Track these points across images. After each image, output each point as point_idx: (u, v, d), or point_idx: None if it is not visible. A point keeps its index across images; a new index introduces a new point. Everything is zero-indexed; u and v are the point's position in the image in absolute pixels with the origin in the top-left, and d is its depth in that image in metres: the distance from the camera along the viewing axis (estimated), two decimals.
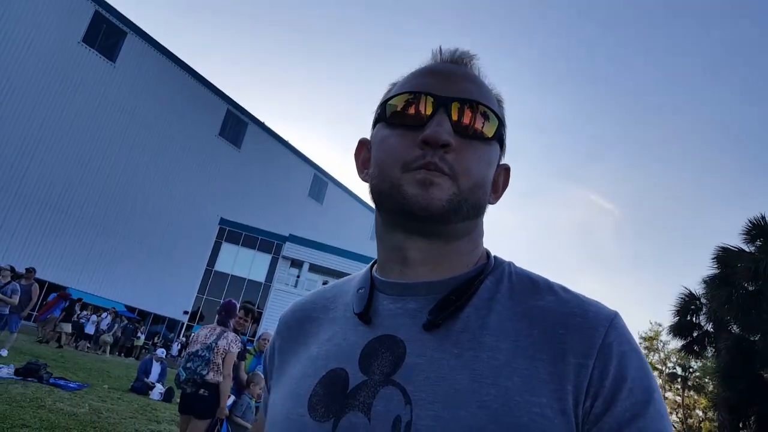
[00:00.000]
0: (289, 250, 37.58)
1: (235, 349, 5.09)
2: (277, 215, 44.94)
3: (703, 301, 15.72)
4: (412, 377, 0.63)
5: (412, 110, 0.70)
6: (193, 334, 5.21)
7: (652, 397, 0.61)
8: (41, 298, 30.73)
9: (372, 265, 0.80)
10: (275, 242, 38.58)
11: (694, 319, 16.13)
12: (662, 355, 38.96)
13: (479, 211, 0.72)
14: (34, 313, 23.95)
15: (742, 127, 70.25)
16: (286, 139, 47.70)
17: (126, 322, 23.78)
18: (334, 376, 0.68)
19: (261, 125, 45.32)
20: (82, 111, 32.33)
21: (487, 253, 0.77)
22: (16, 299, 9.66)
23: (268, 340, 6.60)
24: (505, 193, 0.78)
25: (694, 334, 16.01)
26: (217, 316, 5.31)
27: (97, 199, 33.64)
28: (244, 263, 38.64)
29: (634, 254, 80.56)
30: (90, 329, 20.37)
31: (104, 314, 22.16)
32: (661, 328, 38.29)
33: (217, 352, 4.95)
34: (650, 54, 72.43)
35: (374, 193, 0.73)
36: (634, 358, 0.62)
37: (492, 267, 0.73)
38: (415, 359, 0.64)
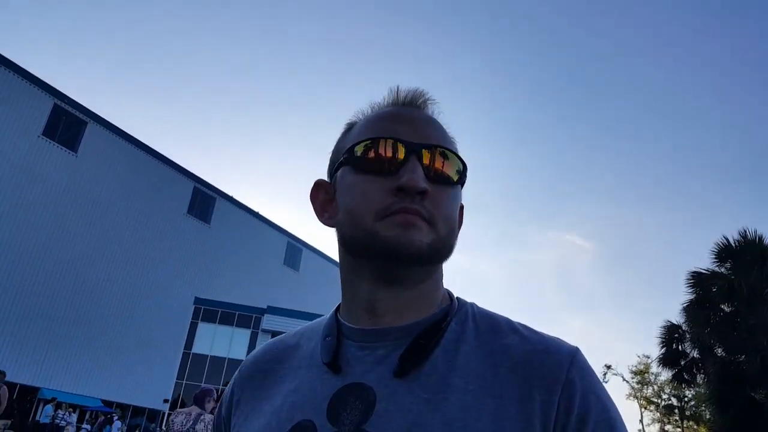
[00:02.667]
0: (269, 322, 36.76)
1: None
2: (253, 288, 44.22)
3: (685, 328, 15.85)
4: (383, 426, 0.61)
5: (381, 156, 0.69)
6: (171, 420, 5.02)
7: (616, 430, 0.63)
8: (14, 401, 29.22)
9: (336, 309, 0.78)
10: (253, 315, 37.78)
11: (679, 347, 16.19)
12: (656, 387, 38.72)
13: (450, 254, 0.72)
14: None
15: (703, 150, 73.09)
16: (255, 210, 47.70)
17: (103, 418, 22.75)
18: (300, 430, 0.65)
19: (229, 199, 45.30)
20: (46, 203, 31.89)
21: (449, 295, 0.76)
22: (4, 402, 9.17)
23: None
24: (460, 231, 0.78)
25: (682, 363, 16.02)
26: (193, 399, 5.19)
27: (64, 292, 32.72)
28: (222, 342, 37.59)
29: (615, 289, 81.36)
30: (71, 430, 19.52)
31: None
32: (649, 361, 38.23)
33: None
34: (607, 82, 75.66)
35: (345, 239, 0.72)
36: (597, 392, 0.64)
37: (456, 308, 0.73)
38: (386, 406, 0.63)
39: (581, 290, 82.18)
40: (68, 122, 33.84)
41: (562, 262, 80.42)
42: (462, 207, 0.78)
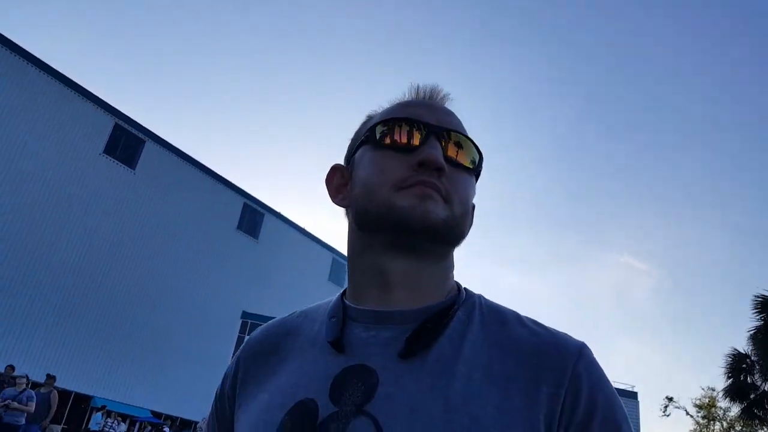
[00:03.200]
0: None
1: None
2: (298, 303, 43.40)
3: (754, 357, 14.82)
4: (384, 408, 0.61)
5: (403, 135, 0.70)
6: (198, 427, 4.89)
7: (621, 428, 0.63)
8: (68, 408, 30.12)
9: (342, 294, 0.78)
10: None
11: (747, 379, 15.12)
12: (725, 424, 35.71)
13: (461, 239, 0.72)
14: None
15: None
16: (302, 226, 48.23)
17: (150, 428, 23.09)
18: (303, 408, 0.65)
19: (277, 215, 45.99)
20: (105, 218, 33.15)
21: (458, 286, 0.76)
22: (32, 407, 9.42)
23: None
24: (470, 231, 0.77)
25: (751, 396, 14.94)
26: None
27: (118, 305, 33.76)
28: None
29: (676, 314, 77.49)
30: None
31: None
32: (715, 393, 35.44)
33: None
34: (665, 98, 73.02)
35: (358, 213, 0.72)
36: (604, 389, 0.64)
37: (464, 298, 0.73)
38: (388, 389, 0.63)
39: (639, 315, 78.89)
40: (127, 140, 35.28)
41: (618, 286, 77.48)
42: (473, 206, 0.77)
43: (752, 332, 14.19)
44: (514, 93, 75.95)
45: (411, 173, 0.67)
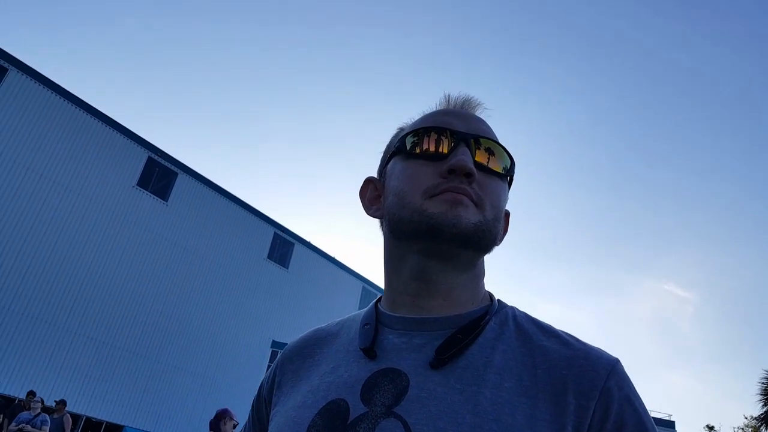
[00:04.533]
0: None
1: None
2: None
3: None
4: (413, 410, 0.62)
5: (432, 143, 0.72)
6: None
7: None
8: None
9: (376, 302, 0.80)
10: None
11: None
12: None
13: (493, 246, 0.73)
14: None
15: None
16: (332, 254, 48.59)
17: None
18: (334, 407, 0.67)
19: (307, 244, 46.50)
20: (138, 250, 34.07)
21: (490, 296, 0.77)
22: (46, 430, 9.53)
23: None
24: (504, 238, 0.79)
25: None
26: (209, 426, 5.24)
27: (150, 335, 34.42)
28: None
29: (719, 342, 74.97)
30: None
31: None
32: (756, 423, 34.30)
33: None
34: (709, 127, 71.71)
35: (392, 222, 0.73)
36: (635, 404, 0.63)
37: (496, 308, 0.74)
38: (418, 392, 0.64)
39: (681, 343, 76.50)
40: (160, 173, 36.44)
41: (660, 314, 75.50)
42: (508, 213, 0.79)
43: None
44: (557, 116, 75.87)
45: (441, 180, 0.69)
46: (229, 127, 71.77)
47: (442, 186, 0.68)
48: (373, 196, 0.81)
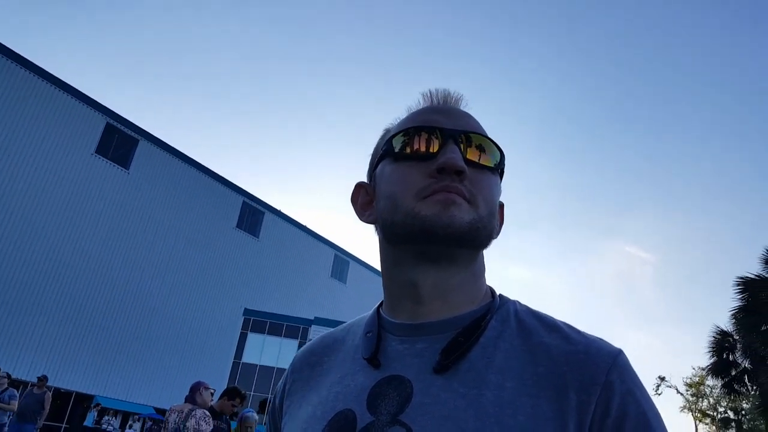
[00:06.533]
0: (316, 333, 37.27)
1: (205, 426, 4.90)
2: (300, 300, 45.03)
3: (736, 337, 15.32)
4: (418, 417, 0.63)
5: (420, 143, 0.70)
6: (166, 419, 5.16)
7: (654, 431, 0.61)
8: (70, 408, 30.66)
9: (379, 306, 0.79)
10: (301, 326, 38.42)
11: (729, 357, 15.61)
12: (711, 400, 36.74)
13: (490, 241, 0.72)
14: None
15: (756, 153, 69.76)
16: (303, 223, 48.63)
17: (151, 423, 23.71)
18: (342, 418, 0.67)
19: (277, 213, 46.33)
20: (101, 220, 33.46)
21: (492, 291, 0.77)
22: (15, 405, 9.42)
23: (250, 424, 6.54)
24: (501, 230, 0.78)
25: (732, 373, 15.45)
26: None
27: (119, 305, 34.18)
28: (271, 352, 38.37)
29: (677, 302, 78.33)
30: None
31: (135, 424, 22.25)
32: (703, 372, 36.62)
33: None
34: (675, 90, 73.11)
35: (385, 227, 0.72)
36: (637, 396, 0.63)
37: (498, 305, 0.73)
38: (422, 399, 0.64)
39: (641, 303, 79.58)
40: (120, 140, 35.48)
41: (622, 275, 78.23)
42: (502, 205, 0.79)
43: (734, 312, 14.60)
44: (520, 88, 76.26)
45: (432, 181, 0.68)
46: (192, 92, 70.09)
47: (433, 186, 0.67)
48: (365, 201, 0.79)
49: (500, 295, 0.76)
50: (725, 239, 73.69)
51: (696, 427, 37.51)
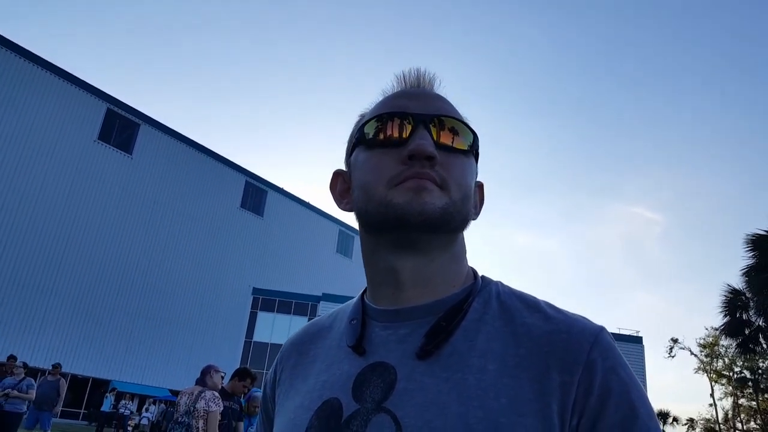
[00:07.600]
0: (324, 309, 37.53)
1: (215, 407, 4.95)
2: (308, 276, 45.25)
3: (749, 295, 15.21)
4: (402, 403, 0.63)
5: (391, 130, 0.70)
6: (177, 402, 5.15)
7: (639, 412, 0.61)
8: (87, 393, 31.10)
9: (363, 293, 0.79)
10: (310, 303, 38.66)
11: (743, 316, 15.54)
12: (726, 360, 36.60)
13: (466, 225, 0.72)
14: None
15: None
16: (306, 200, 48.58)
17: (164, 406, 24.03)
18: (328, 407, 0.68)
19: (280, 191, 46.26)
20: (106, 205, 33.48)
21: (474, 273, 0.76)
22: (32, 394, 9.55)
23: (257, 404, 6.35)
24: (482, 210, 0.79)
25: (746, 332, 15.39)
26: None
27: (128, 291, 34.38)
28: (281, 329, 38.68)
29: (687, 262, 77.91)
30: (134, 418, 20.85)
31: (151, 407, 22.61)
32: (717, 332, 36.44)
33: (197, 416, 4.84)
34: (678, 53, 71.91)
35: (361, 215, 0.72)
36: (620, 373, 0.63)
37: (480, 287, 0.73)
38: (406, 385, 0.64)
39: (650, 265, 79.49)
40: (122, 125, 35.31)
41: (629, 236, 77.86)
42: (482, 185, 0.79)
43: (745, 270, 14.46)
44: (524, 48, 75.14)
45: (403, 168, 0.67)
46: (191, 73, 69.48)
47: (405, 173, 0.67)
48: (343, 189, 0.79)
49: (482, 276, 0.76)
50: (734, 195, 73.17)
51: (712, 387, 37.56)
